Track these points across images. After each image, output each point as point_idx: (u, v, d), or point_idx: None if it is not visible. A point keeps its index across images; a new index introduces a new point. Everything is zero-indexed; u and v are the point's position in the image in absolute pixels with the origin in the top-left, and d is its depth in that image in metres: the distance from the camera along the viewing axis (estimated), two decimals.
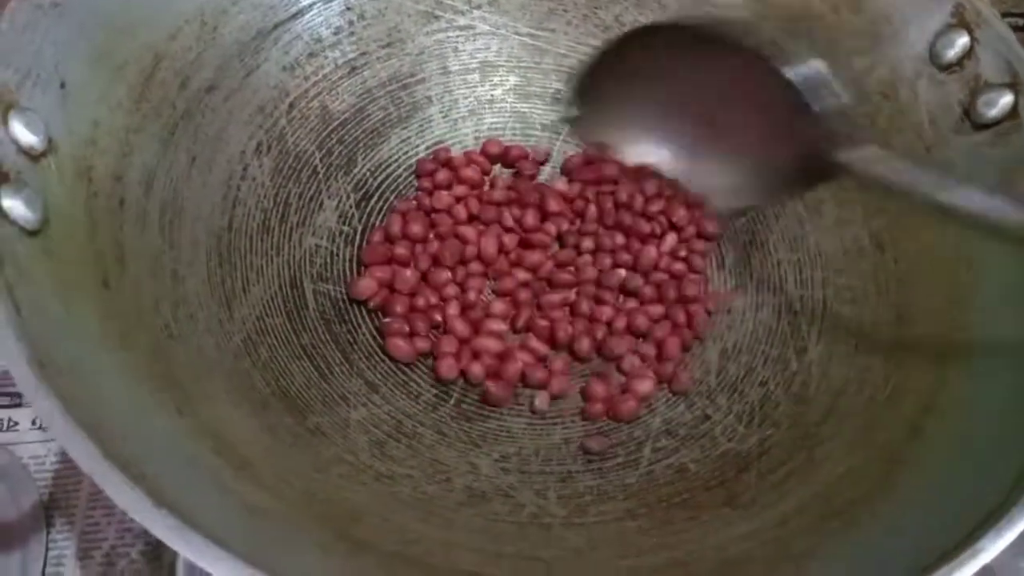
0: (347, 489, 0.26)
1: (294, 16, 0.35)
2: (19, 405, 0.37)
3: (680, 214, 0.35)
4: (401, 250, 0.34)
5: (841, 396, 0.30)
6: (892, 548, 0.22)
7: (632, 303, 0.34)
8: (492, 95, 0.39)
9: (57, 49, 0.26)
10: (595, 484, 0.29)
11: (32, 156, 0.24)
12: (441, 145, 0.38)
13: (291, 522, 0.23)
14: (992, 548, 0.20)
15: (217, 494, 0.21)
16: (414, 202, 0.36)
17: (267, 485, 0.23)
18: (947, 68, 0.32)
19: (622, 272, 0.35)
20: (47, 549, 0.34)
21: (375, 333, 0.33)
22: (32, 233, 0.23)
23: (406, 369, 0.32)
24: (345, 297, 0.34)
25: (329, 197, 0.35)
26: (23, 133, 0.24)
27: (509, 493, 0.29)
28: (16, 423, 0.37)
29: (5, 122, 0.24)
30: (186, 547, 0.18)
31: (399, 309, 0.33)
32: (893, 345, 0.30)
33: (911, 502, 0.24)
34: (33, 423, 0.37)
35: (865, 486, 0.25)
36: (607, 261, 0.35)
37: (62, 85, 0.26)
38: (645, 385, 0.32)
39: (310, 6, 0.35)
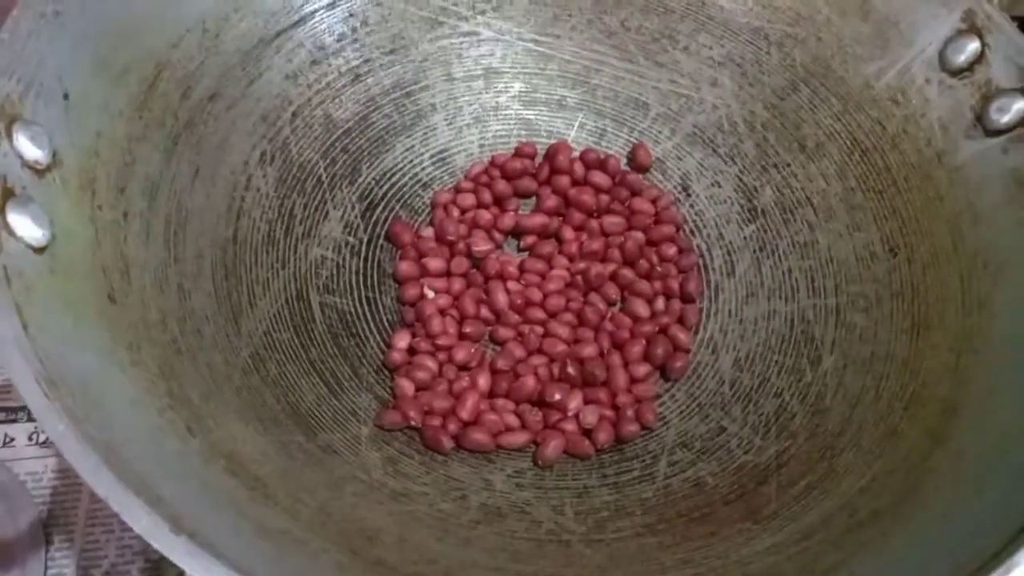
0: (362, 508, 0.25)
1: (296, 23, 0.34)
2: (15, 421, 0.37)
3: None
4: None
5: (858, 406, 0.29)
6: (925, 560, 0.21)
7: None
8: (497, 102, 0.38)
9: (60, 59, 0.25)
10: (612, 499, 0.29)
11: (37, 170, 0.23)
12: (447, 154, 0.37)
13: (307, 543, 0.22)
14: None
15: (233, 517, 0.21)
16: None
17: (282, 505, 0.23)
18: (958, 73, 0.32)
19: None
20: (46, 567, 0.33)
21: (383, 346, 0.33)
22: (39, 250, 0.22)
23: None
24: (352, 309, 0.33)
25: (334, 207, 0.34)
26: (28, 147, 0.23)
27: (525, 509, 0.28)
28: (12, 439, 0.36)
29: (9, 136, 0.23)
30: (207, 574, 0.17)
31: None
32: (909, 352, 0.30)
33: (942, 511, 0.23)
34: (30, 439, 0.36)
35: (891, 496, 0.25)
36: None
37: (65, 96, 0.25)
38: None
39: (312, 13, 0.35)
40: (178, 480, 0.20)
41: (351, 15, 0.36)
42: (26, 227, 0.22)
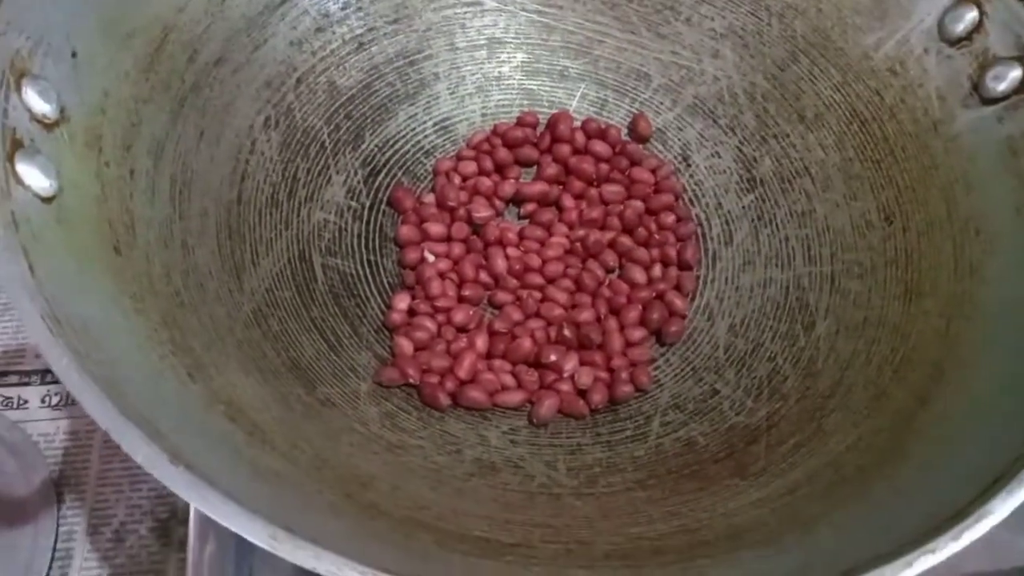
0: (358, 457, 0.26)
1: None
2: (28, 384, 0.38)
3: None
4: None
5: (849, 369, 0.30)
6: (901, 511, 0.22)
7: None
8: (499, 72, 0.39)
9: (68, 17, 0.26)
10: (604, 456, 0.29)
11: (45, 124, 0.24)
12: (450, 123, 0.38)
13: (303, 484, 0.23)
14: (1001, 509, 0.20)
15: (230, 456, 0.21)
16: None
17: (279, 450, 0.24)
18: (956, 43, 0.32)
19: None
20: (58, 525, 0.34)
21: (383, 307, 0.33)
22: (46, 200, 0.23)
23: None
24: (354, 271, 0.34)
25: (337, 172, 0.35)
26: (36, 101, 0.24)
27: (519, 464, 0.29)
28: (26, 401, 0.37)
29: (19, 89, 0.24)
30: (203, 503, 0.18)
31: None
32: (901, 318, 0.30)
33: (921, 467, 0.24)
34: (43, 401, 0.37)
35: (875, 454, 0.25)
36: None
37: (73, 54, 0.26)
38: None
39: None
40: (178, 419, 0.21)
41: None
42: (34, 177, 0.23)
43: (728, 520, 0.25)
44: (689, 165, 0.38)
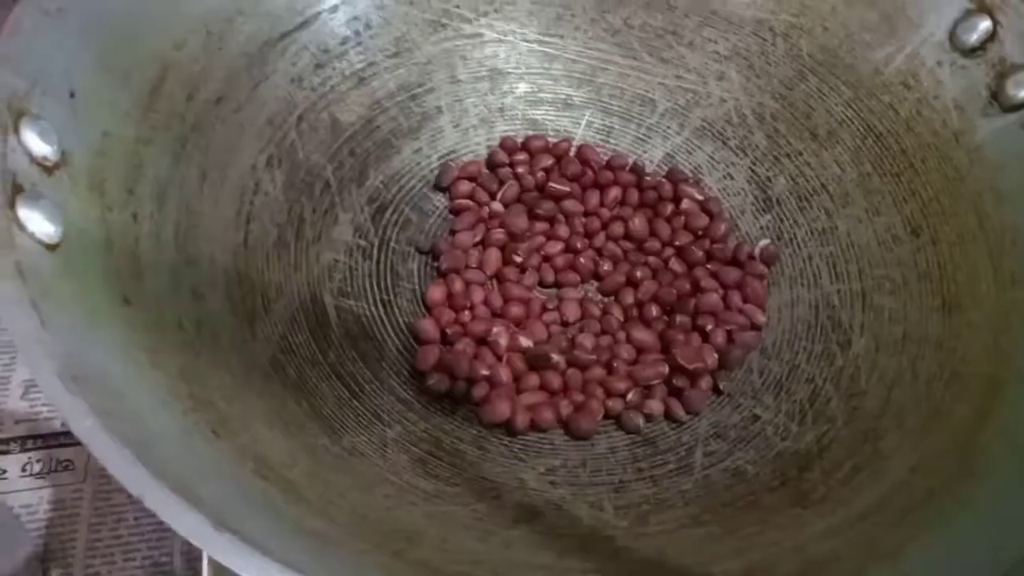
0: (397, 510, 0.24)
1: (300, 26, 0.34)
2: (8, 452, 0.35)
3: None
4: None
5: (896, 387, 0.29)
6: (995, 533, 0.21)
7: None
8: (503, 103, 0.38)
9: (65, 56, 0.24)
10: (650, 492, 0.28)
11: (46, 167, 0.22)
12: (455, 156, 0.37)
13: (348, 543, 0.21)
14: None
15: (272, 518, 0.19)
16: None
17: (315, 507, 0.22)
18: (970, 53, 0.32)
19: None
20: None
21: (401, 348, 0.32)
22: (51, 247, 0.21)
23: None
24: (368, 312, 0.32)
25: (344, 211, 0.33)
26: (36, 143, 0.22)
27: (562, 507, 0.27)
28: (4, 471, 0.34)
29: (17, 131, 0.22)
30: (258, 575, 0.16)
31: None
32: (943, 331, 0.29)
33: (1002, 487, 0.22)
34: (23, 470, 0.34)
35: (942, 475, 0.24)
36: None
37: (71, 94, 0.24)
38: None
39: (316, 16, 0.34)
40: (213, 480, 0.19)
41: (354, 18, 0.35)
42: (37, 223, 0.21)
43: (801, 554, 0.23)
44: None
